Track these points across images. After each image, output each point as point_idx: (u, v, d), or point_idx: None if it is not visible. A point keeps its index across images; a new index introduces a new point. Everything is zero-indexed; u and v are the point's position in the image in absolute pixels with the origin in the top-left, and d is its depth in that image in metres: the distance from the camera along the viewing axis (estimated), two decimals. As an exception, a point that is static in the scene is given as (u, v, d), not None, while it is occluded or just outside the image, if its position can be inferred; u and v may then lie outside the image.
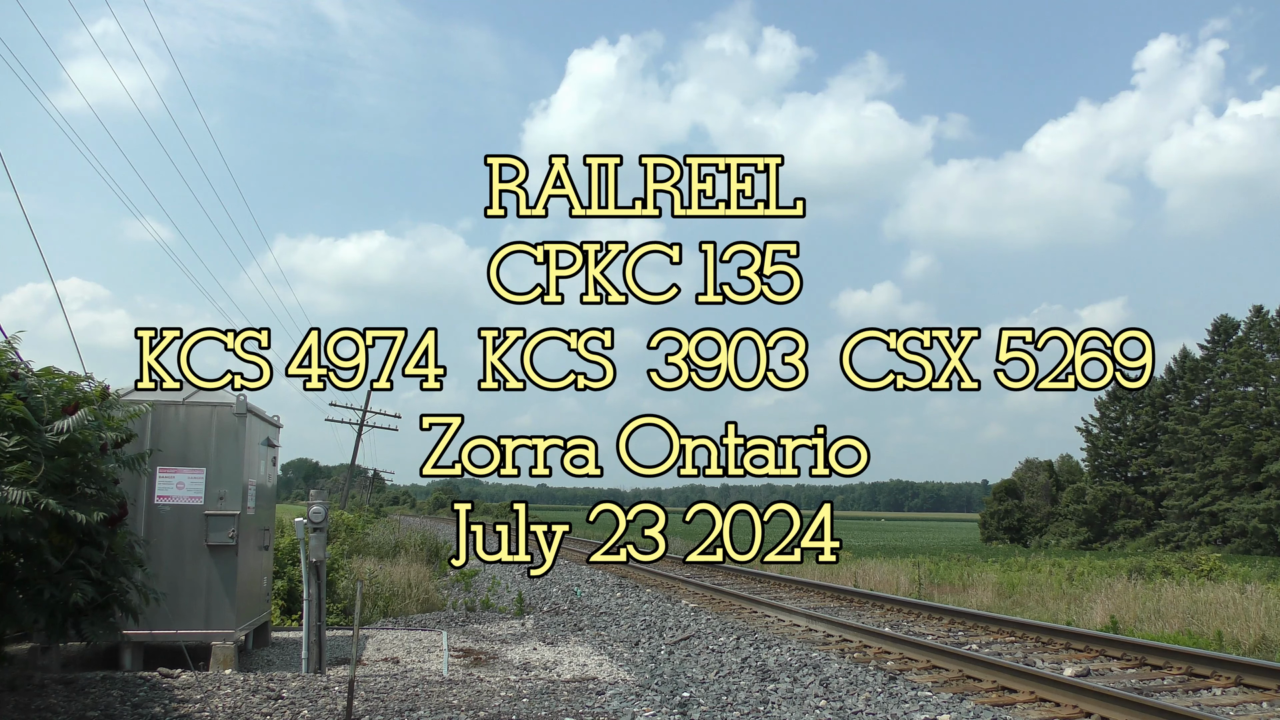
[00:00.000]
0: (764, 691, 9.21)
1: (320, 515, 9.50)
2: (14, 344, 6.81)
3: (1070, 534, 65.46)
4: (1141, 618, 15.32)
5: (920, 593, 20.75)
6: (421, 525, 47.96)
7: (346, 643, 12.59)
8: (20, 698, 7.45)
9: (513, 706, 7.93)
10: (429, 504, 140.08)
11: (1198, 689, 9.26)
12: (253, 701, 7.65)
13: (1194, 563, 24.30)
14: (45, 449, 6.17)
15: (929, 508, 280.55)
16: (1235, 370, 58.48)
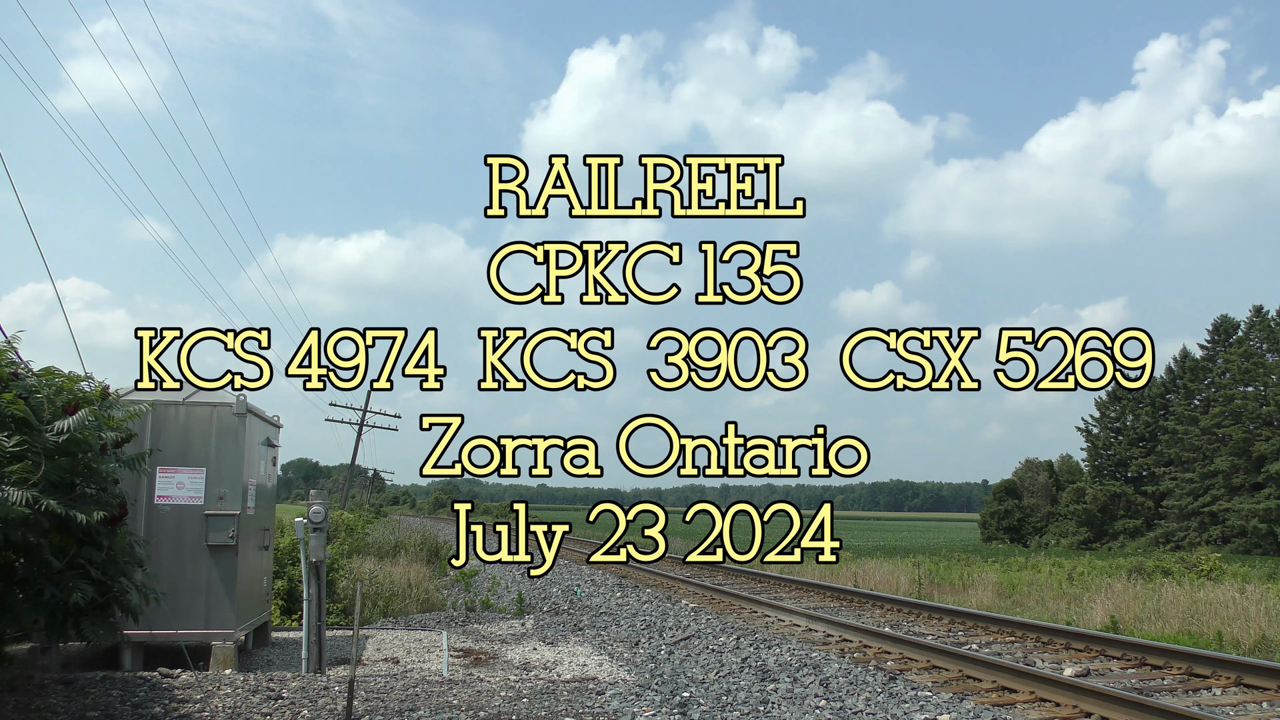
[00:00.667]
0: (764, 691, 9.21)
1: (320, 515, 9.50)
2: (14, 344, 6.81)
3: (1070, 534, 65.45)
4: (1141, 618, 15.32)
5: (920, 593, 20.75)
6: (421, 525, 47.95)
7: (346, 643, 12.59)
8: (20, 698, 7.45)
9: (513, 706, 7.93)
10: (429, 504, 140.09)
11: (1198, 689, 9.26)
12: (253, 701, 7.65)
13: (1194, 563, 24.31)
14: (45, 449, 6.17)
15: (929, 508, 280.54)
16: (1235, 370, 58.49)
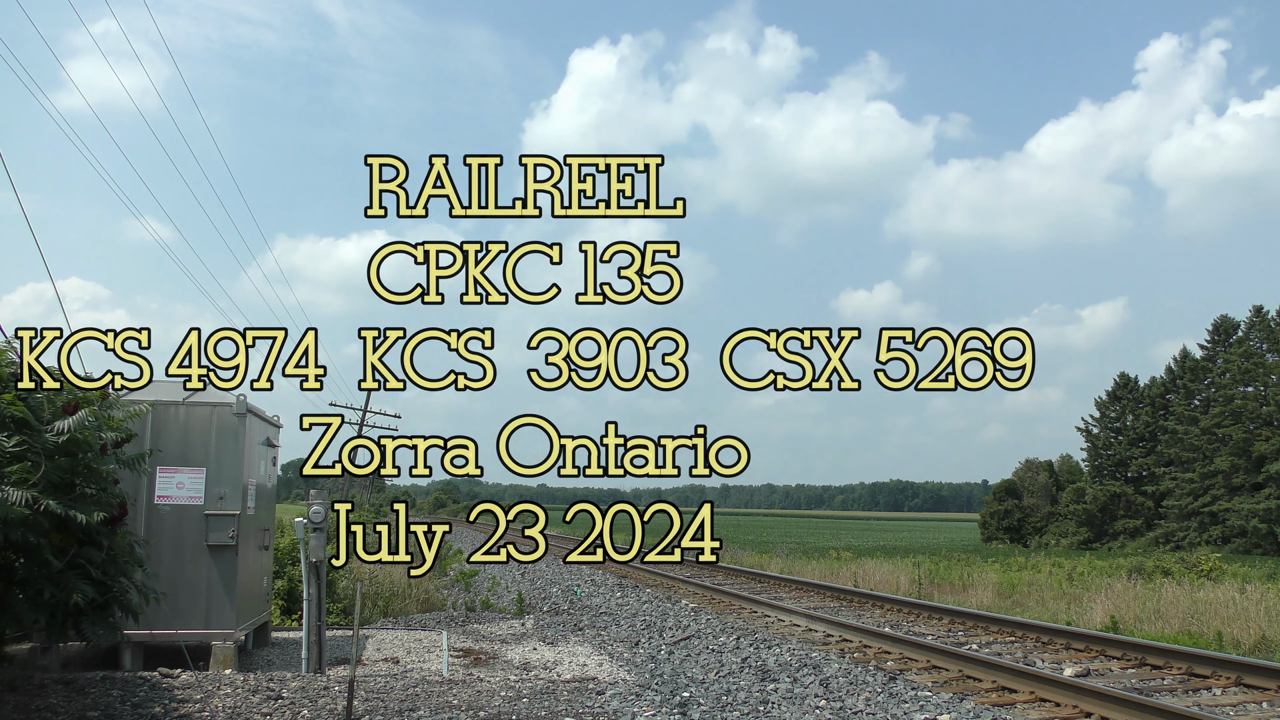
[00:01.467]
0: (764, 691, 9.21)
1: (320, 515, 9.50)
2: (14, 344, 6.81)
3: (1070, 534, 65.45)
4: (1141, 618, 15.32)
5: (920, 593, 20.75)
6: (421, 525, 47.91)
7: (346, 643, 12.59)
8: (20, 698, 7.45)
9: (513, 706, 7.93)
10: (429, 504, 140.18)
11: (1198, 689, 9.26)
12: (253, 701, 7.65)
13: (1194, 563, 24.31)
14: (45, 449, 6.17)
15: (929, 508, 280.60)
16: (1235, 370, 58.49)
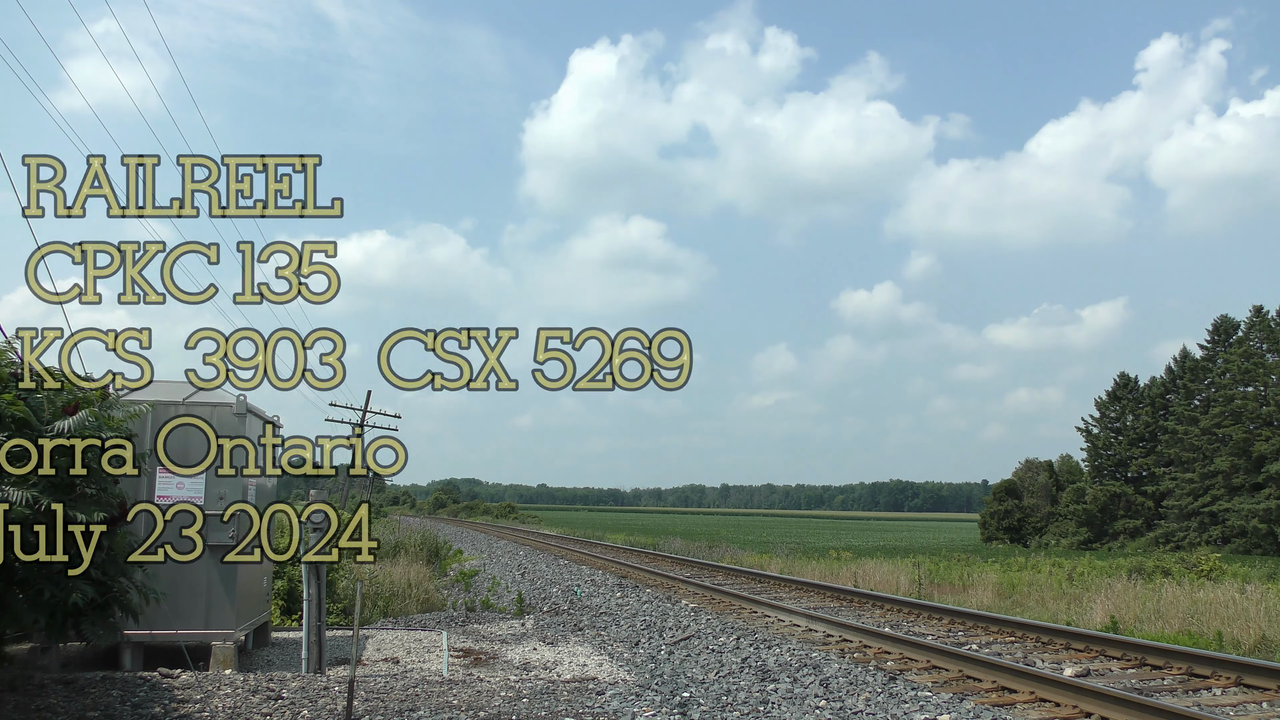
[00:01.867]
0: (764, 691, 9.21)
1: (321, 516, 9.50)
2: (14, 344, 6.81)
3: (1070, 534, 65.44)
4: (1141, 618, 15.32)
5: (920, 593, 20.75)
6: (421, 525, 47.96)
7: (346, 643, 12.59)
8: (20, 698, 7.45)
9: (513, 706, 7.93)
10: (429, 504, 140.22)
11: (1198, 689, 9.26)
12: (253, 702, 7.66)
13: (1194, 563, 24.30)
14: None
15: (929, 508, 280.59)
16: (1235, 370, 58.49)
